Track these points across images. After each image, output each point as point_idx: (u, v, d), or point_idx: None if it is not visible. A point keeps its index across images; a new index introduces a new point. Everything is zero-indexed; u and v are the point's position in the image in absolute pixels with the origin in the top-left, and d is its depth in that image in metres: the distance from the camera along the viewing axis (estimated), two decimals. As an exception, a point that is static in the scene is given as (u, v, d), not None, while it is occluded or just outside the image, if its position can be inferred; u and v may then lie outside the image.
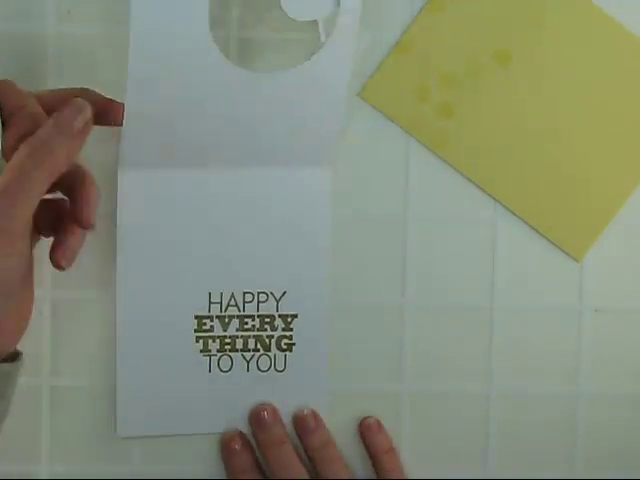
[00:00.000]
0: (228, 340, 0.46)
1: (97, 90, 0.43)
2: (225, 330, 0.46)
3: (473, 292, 0.47)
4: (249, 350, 0.46)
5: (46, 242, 0.46)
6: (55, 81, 0.46)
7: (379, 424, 0.46)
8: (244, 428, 0.46)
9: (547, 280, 0.47)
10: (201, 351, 0.45)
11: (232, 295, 0.46)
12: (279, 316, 0.46)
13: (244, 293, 0.46)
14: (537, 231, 0.47)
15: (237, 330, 0.46)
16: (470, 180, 0.47)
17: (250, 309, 0.46)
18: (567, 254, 0.47)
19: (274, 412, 0.45)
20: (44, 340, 0.46)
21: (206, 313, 0.45)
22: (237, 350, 0.46)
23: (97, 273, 0.46)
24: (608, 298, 0.47)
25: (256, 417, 0.45)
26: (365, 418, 0.46)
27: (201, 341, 0.45)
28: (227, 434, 0.46)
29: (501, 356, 0.47)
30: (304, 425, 0.45)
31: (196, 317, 0.45)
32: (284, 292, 0.46)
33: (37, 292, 0.46)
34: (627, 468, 0.48)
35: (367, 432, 0.46)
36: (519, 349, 0.47)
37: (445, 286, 0.47)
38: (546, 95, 0.47)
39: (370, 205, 0.47)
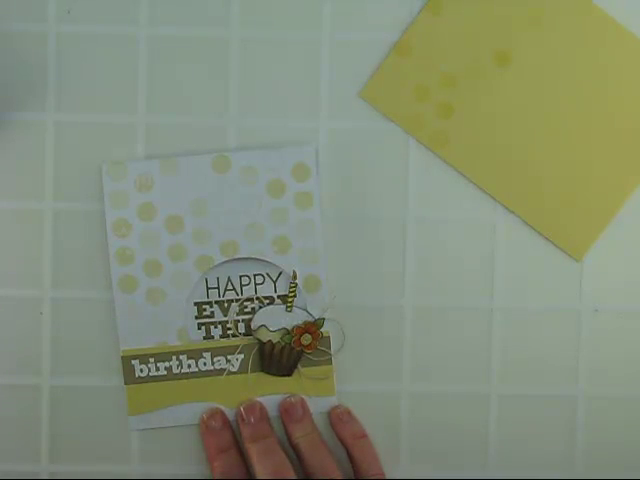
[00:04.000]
0: (229, 325, 0.46)
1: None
2: (225, 315, 0.46)
3: (473, 292, 0.47)
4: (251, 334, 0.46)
5: (45, 240, 0.47)
6: (55, 81, 0.46)
7: (349, 413, 0.46)
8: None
9: (547, 280, 0.47)
10: (204, 338, 0.46)
11: (229, 279, 0.46)
12: (278, 297, 0.46)
13: (240, 277, 0.46)
14: (537, 231, 0.47)
15: (237, 314, 0.46)
16: (470, 180, 0.47)
17: (248, 292, 0.46)
18: (567, 254, 0.47)
19: (261, 409, 0.46)
20: (44, 340, 0.46)
21: (205, 299, 0.46)
22: (239, 335, 0.46)
23: (97, 273, 0.46)
24: (608, 298, 0.47)
25: (241, 415, 0.46)
26: (334, 408, 0.46)
27: (203, 327, 0.46)
28: (206, 412, 0.46)
29: (501, 356, 0.47)
30: (291, 413, 0.46)
31: (195, 304, 0.46)
32: (280, 273, 0.46)
33: (37, 292, 0.46)
34: (627, 468, 0.48)
35: (339, 421, 0.46)
36: (519, 349, 0.47)
37: (445, 286, 0.47)
38: (546, 95, 0.47)
39: (370, 205, 0.47)
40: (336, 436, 0.46)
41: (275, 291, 0.46)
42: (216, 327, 0.46)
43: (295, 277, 0.46)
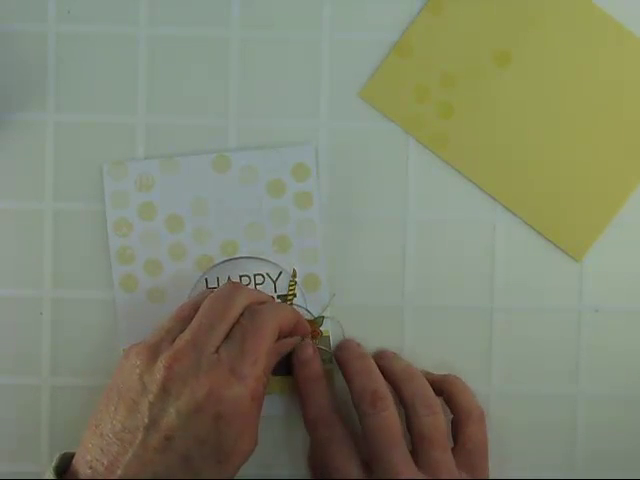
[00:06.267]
0: None
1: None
2: None
3: (473, 292, 0.47)
4: None
5: (45, 240, 0.47)
6: (55, 81, 0.46)
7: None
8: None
9: (547, 280, 0.47)
10: None
11: (229, 279, 0.46)
12: (278, 297, 0.46)
13: (240, 276, 0.46)
14: (537, 231, 0.47)
15: None
16: (470, 180, 0.47)
17: None
18: (567, 254, 0.47)
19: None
20: (44, 340, 0.46)
21: None
22: None
23: (97, 273, 0.46)
24: (608, 298, 0.47)
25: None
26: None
27: None
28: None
29: (501, 356, 0.47)
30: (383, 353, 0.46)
31: None
32: (280, 273, 0.46)
33: (37, 292, 0.46)
34: (627, 468, 0.48)
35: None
36: (519, 349, 0.47)
37: (445, 286, 0.47)
38: (546, 95, 0.47)
39: (370, 205, 0.47)
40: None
41: (275, 291, 0.46)
42: None
43: (295, 275, 0.46)
